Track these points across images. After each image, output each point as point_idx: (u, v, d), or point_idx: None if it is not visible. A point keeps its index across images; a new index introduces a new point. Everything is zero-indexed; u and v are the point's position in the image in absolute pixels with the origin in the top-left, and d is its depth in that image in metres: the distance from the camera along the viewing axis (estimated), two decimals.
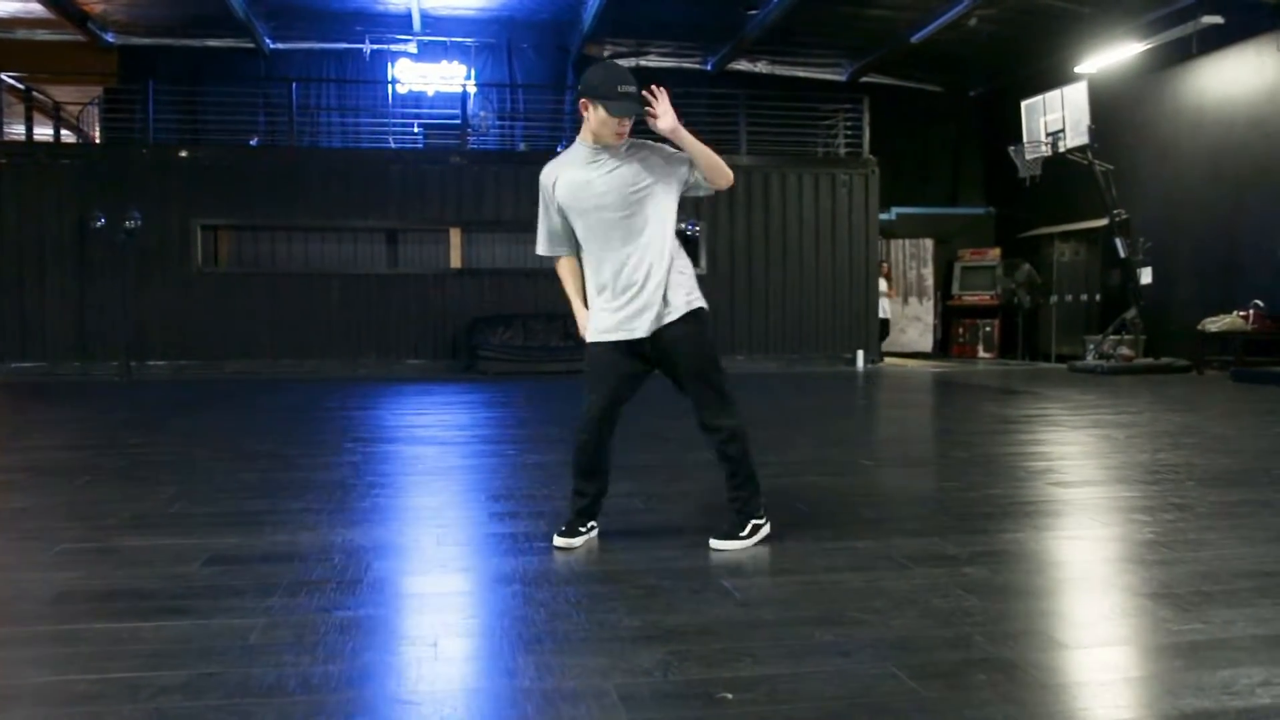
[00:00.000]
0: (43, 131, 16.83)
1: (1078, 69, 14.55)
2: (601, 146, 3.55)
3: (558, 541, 3.64)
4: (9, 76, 15.06)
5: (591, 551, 3.64)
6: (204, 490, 4.88)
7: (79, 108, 16.61)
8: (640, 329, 3.53)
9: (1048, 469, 5.54)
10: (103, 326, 13.93)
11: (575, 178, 3.58)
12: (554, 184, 3.63)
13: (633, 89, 3.48)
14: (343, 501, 4.56)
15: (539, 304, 14.98)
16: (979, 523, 4.08)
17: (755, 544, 3.61)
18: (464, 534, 4.02)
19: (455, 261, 15.29)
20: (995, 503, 4.51)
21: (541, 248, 3.78)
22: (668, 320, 3.54)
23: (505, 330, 14.68)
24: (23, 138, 15.40)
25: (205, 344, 14.27)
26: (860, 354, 15.87)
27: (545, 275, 15.63)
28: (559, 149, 15.57)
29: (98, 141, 16.61)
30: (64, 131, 17.76)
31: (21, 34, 16.37)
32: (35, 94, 15.70)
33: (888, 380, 13.36)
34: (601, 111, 3.47)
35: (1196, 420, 8.03)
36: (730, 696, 2.19)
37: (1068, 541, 3.88)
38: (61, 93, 17.73)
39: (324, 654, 2.50)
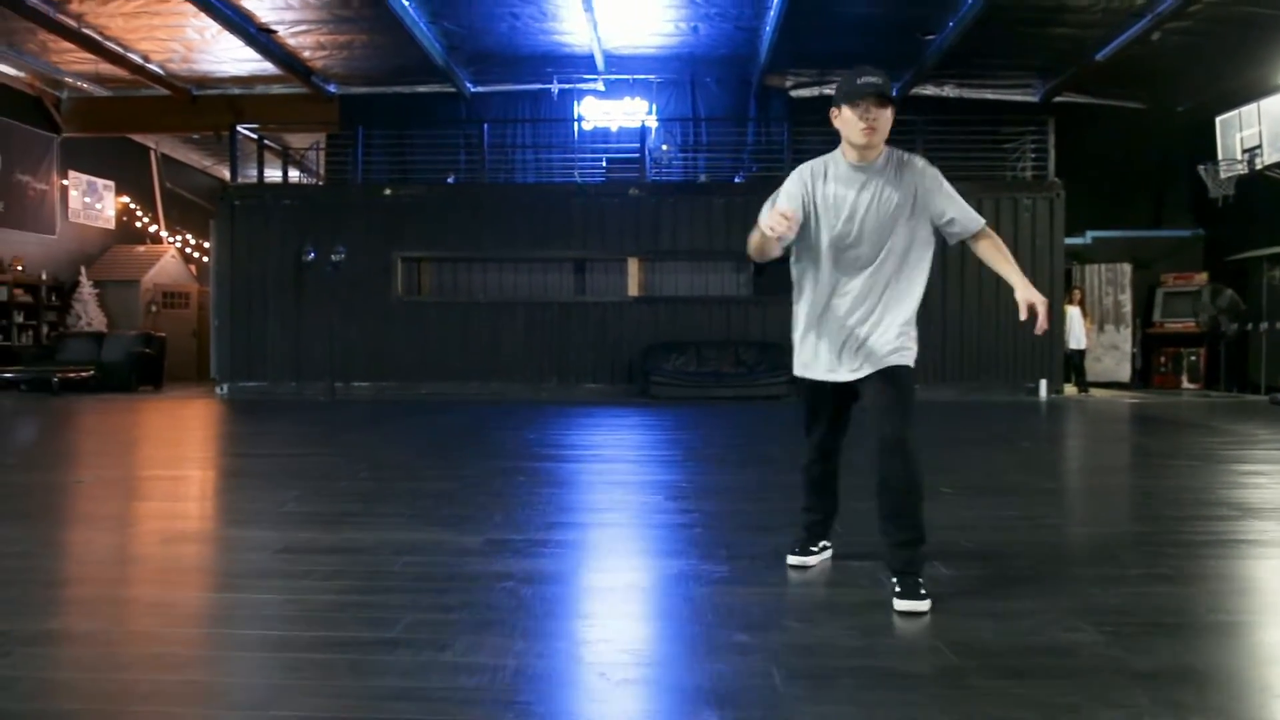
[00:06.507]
0: (273, 174, 18.71)
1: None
2: (851, 161, 3.42)
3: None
4: (244, 127, 16.88)
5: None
6: (319, 494, 5.55)
7: (300, 153, 18.44)
8: None
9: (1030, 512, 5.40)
10: (314, 350, 15.38)
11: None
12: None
13: (875, 78, 3.26)
14: (424, 510, 5.07)
15: (712, 331, 15.39)
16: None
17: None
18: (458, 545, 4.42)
19: (633, 290, 15.89)
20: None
21: None
22: None
23: (678, 356, 15.12)
24: (255, 180, 17.20)
25: (402, 367, 15.49)
26: (1043, 383, 15.33)
27: (719, 303, 16.16)
28: (737, 179, 16.25)
29: (321, 183, 18.39)
30: (296, 173, 19.71)
31: (259, 89, 18.37)
32: (266, 141, 17.48)
33: (1060, 411, 12.89)
34: (847, 113, 3.32)
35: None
36: None
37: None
38: (296, 140, 19.73)
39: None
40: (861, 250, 3.40)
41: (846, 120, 3.32)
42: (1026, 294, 3.35)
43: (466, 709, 2.34)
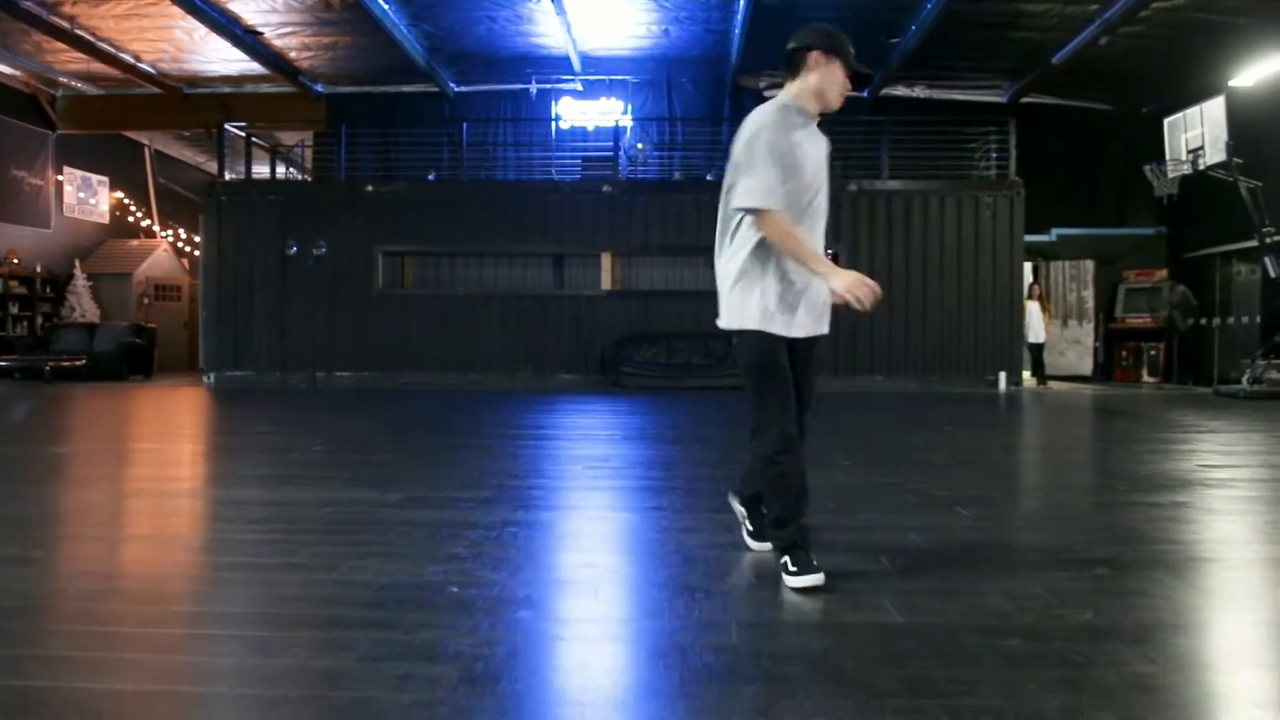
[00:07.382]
0: (262, 170, 19.28)
1: (1231, 82, 14.15)
2: (809, 112, 3.24)
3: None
4: (232, 126, 17.45)
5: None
6: (272, 462, 6.12)
7: (287, 149, 19.04)
8: None
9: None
10: (298, 341, 15.96)
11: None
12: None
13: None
14: (361, 475, 5.63)
15: (683, 324, 15.92)
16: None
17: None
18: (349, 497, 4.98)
19: (608, 284, 16.45)
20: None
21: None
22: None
23: (650, 348, 15.68)
24: (243, 177, 17.78)
25: (383, 357, 16.07)
26: (1003, 376, 15.87)
27: (690, 296, 16.71)
28: (709, 176, 16.76)
29: (309, 179, 18.99)
30: (284, 169, 20.28)
31: (249, 88, 18.95)
32: (254, 139, 18.04)
33: (1011, 402, 13.44)
34: (839, 71, 3.21)
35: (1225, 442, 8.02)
36: None
37: None
38: (286, 137, 20.31)
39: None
40: (815, 200, 3.25)
41: (833, 77, 3.23)
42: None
43: (333, 606, 2.91)
